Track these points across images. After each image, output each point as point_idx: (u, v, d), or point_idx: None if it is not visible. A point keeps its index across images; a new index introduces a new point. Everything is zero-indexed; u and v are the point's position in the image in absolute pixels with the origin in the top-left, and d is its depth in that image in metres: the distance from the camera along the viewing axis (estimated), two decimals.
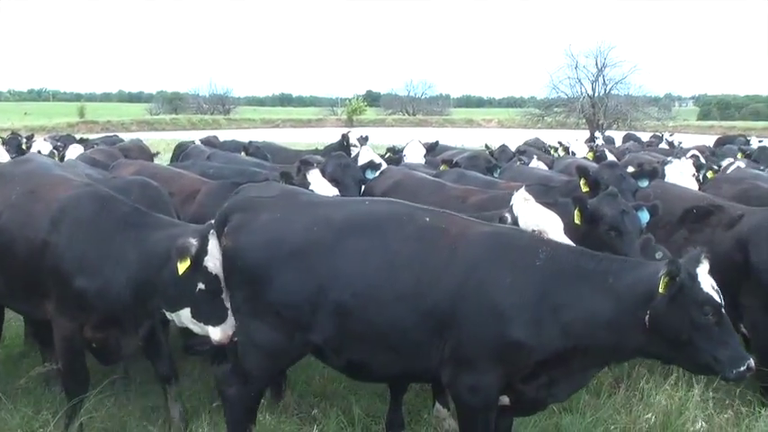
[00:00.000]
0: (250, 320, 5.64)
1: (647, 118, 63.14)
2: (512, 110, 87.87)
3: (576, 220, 6.85)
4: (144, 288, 6.02)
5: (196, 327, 5.96)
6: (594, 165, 9.73)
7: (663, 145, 22.95)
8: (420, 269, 5.33)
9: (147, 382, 7.56)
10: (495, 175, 11.49)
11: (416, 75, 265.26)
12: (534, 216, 6.17)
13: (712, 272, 5.18)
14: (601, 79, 66.94)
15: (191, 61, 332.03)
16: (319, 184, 8.43)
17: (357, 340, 5.47)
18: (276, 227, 5.61)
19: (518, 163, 13.55)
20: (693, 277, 5.01)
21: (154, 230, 6.14)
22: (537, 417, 6.99)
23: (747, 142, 25.34)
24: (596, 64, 67.31)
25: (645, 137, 30.79)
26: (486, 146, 19.99)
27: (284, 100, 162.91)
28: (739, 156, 15.66)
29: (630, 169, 9.17)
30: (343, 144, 15.06)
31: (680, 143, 24.85)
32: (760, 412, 6.72)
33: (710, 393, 6.97)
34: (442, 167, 11.69)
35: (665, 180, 10.14)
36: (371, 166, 10.14)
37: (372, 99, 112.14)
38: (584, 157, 15.35)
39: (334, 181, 9.02)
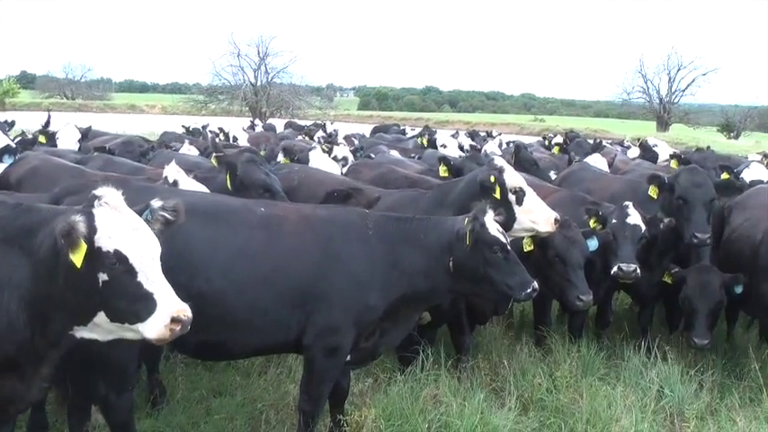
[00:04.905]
0: None
1: (309, 107, 65.83)
2: (176, 96, 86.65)
3: (229, 185, 8.26)
4: (42, 307, 4.35)
5: (123, 331, 4.37)
6: (233, 150, 9.97)
7: (320, 133, 24.02)
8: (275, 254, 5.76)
9: None
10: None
11: (75, 57, 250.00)
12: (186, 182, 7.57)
13: None
14: (263, 68, 68.52)
15: None
16: None
17: (214, 322, 5.55)
18: None
19: (170, 149, 13.46)
20: (483, 224, 6.01)
21: (40, 228, 4.41)
22: (188, 402, 7.05)
23: (403, 131, 27.54)
24: (258, 53, 68.79)
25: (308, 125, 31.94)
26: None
27: None
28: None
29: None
30: None
31: (335, 131, 26.20)
32: (397, 377, 7.23)
33: None
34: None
35: (310, 165, 10.73)
36: (8, 151, 9.73)
37: (27, 81, 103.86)
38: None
39: None
